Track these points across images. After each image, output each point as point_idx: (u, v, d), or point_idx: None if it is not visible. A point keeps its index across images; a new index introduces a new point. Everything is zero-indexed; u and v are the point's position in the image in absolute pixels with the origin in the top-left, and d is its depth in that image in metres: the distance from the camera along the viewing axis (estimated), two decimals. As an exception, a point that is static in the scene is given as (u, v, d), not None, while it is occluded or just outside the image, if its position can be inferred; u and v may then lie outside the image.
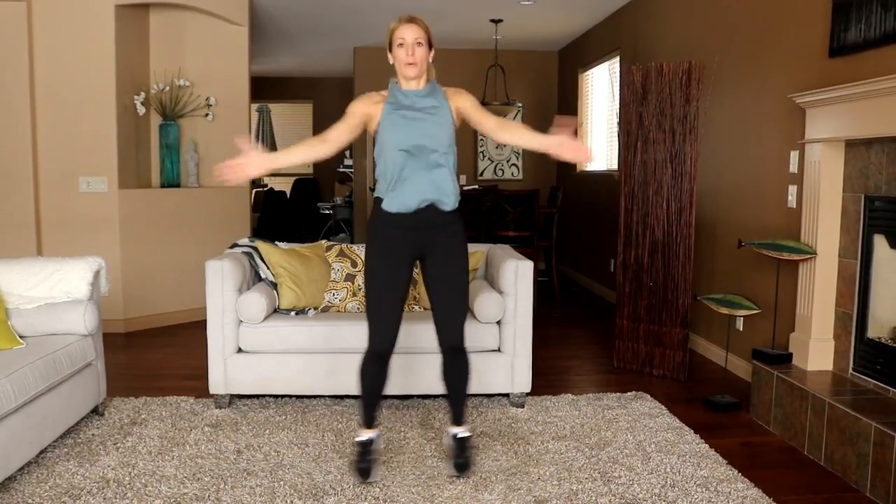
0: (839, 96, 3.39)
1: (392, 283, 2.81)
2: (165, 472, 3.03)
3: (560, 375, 4.53)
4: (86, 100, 5.34)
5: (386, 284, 2.81)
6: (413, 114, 2.74)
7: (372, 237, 2.84)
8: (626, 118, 4.60)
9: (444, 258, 2.84)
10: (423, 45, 2.71)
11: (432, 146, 2.72)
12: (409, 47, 2.69)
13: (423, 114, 2.74)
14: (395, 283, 2.82)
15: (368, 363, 2.90)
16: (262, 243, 4.14)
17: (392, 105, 2.76)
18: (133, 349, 5.11)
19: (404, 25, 2.70)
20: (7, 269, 3.50)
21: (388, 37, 2.75)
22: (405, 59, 2.69)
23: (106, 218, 5.43)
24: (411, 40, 2.69)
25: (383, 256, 2.80)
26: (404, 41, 2.69)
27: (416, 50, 2.69)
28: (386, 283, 2.81)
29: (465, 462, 2.97)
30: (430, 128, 2.73)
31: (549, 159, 9.86)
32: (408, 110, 2.74)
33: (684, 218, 4.39)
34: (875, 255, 3.42)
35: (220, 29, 6.04)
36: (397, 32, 2.71)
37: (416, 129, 2.72)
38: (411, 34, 2.69)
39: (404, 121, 2.73)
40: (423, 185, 2.73)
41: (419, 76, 2.76)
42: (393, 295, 2.82)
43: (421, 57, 2.70)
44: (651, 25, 6.03)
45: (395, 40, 2.72)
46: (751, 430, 3.64)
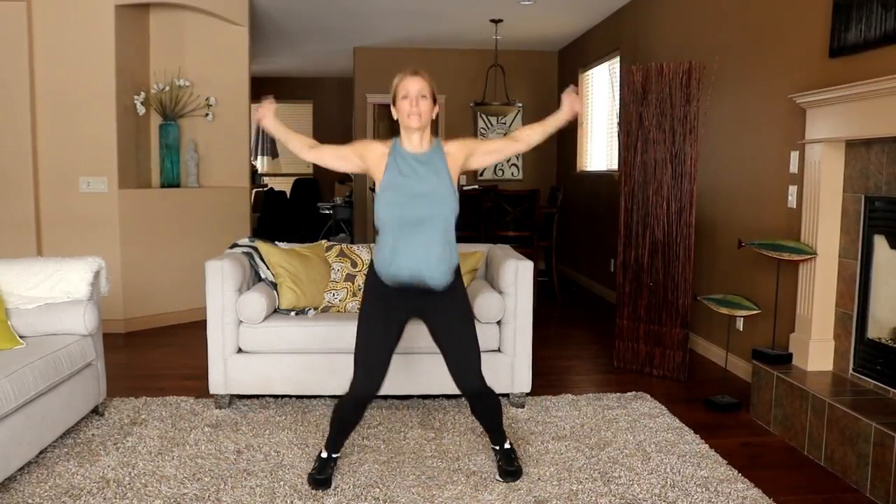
0: (839, 96, 3.39)
1: (383, 338, 2.80)
2: (165, 472, 3.03)
3: (560, 375, 4.53)
4: (86, 100, 5.34)
5: (377, 337, 2.80)
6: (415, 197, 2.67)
7: (367, 291, 2.83)
8: (626, 118, 4.60)
9: (445, 315, 2.82)
10: (428, 98, 2.69)
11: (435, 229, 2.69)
12: (414, 99, 2.66)
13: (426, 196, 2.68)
14: (385, 339, 2.80)
15: (348, 402, 2.86)
16: (262, 243, 4.14)
17: (394, 171, 2.71)
18: (133, 349, 5.11)
19: (409, 78, 2.69)
20: (7, 269, 3.50)
21: (393, 91, 2.72)
22: (409, 111, 2.67)
23: (106, 218, 5.43)
24: (415, 93, 2.67)
25: (376, 314, 2.80)
26: (409, 93, 2.67)
27: (421, 102, 2.67)
28: (377, 336, 2.80)
29: (515, 469, 2.99)
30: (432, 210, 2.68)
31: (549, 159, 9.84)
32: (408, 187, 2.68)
33: (684, 218, 4.39)
34: (875, 256, 3.42)
35: (220, 29, 6.04)
36: (402, 85, 2.69)
37: (419, 211, 2.67)
38: (416, 86, 2.67)
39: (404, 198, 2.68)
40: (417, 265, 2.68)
41: (423, 129, 2.71)
42: (383, 348, 2.80)
43: (425, 109, 2.68)
44: (651, 25, 6.03)
45: (399, 93, 2.70)
46: (751, 431, 3.64)
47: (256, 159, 11.93)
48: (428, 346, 3.75)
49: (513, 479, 2.97)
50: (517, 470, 3.00)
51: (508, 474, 2.98)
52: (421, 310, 2.82)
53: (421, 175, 2.70)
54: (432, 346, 3.76)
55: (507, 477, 2.98)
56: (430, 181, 2.70)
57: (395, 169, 2.71)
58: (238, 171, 6.25)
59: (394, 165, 2.72)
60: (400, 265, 2.69)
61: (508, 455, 3.02)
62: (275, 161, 12.25)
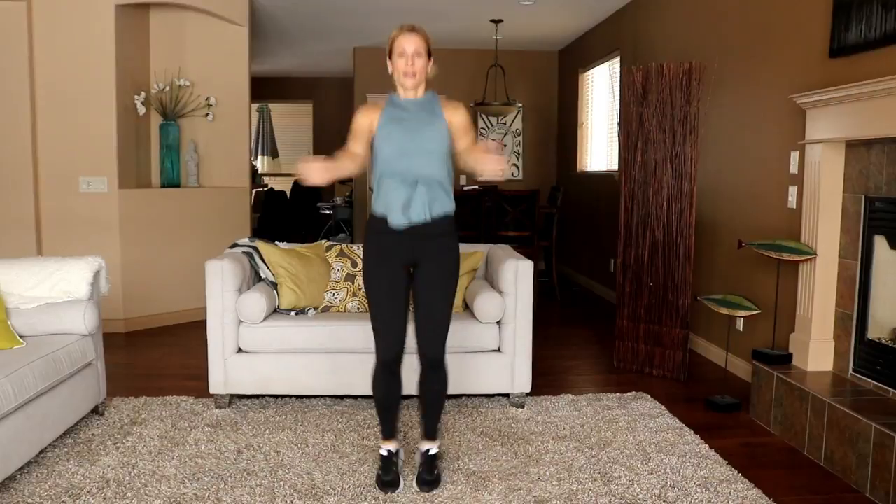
0: (840, 97, 3.39)
1: (390, 290, 2.79)
2: (165, 472, 3.03)
3: (560, 375, 4.53)
4: (86, 100, 5.34)
5: (385, 292, 2.79)
6: (409, 124, 2.73)
7: (367, 244, 2.85)
8: (626, 118, 4.60)
9: (435, 271, 2.80)
10: (423, 55, 2.71)
11: (426, 159, 2.71)
12: (410, 58, 2.69)
13: (419, 124, 2.73)
14: (393, 290, 2.79)
15: (380, 372, 2.87)
16: (262, 243, 4.14)
17: (388, 115, 2.75)
18: (133, 349, 5.10)
19: (406, 35, 2.71)
20: (7, 269, 3.50)
21: (389, 45, 2.74)
22: (404, 70, 2.70)
23: (106, 218, 5.43)
24: (412, 51, 2.69)
25: (378, 265, 2.79)
26: (405, 52, 2.69)
27: (416, 61, 2.69)
28: (385, 291, 2.79)
29: (434, 479, 2.90)
30: (424, 140, 2.71)
31: (549, 159, 9.84)
32: (404, 121, 2.73)
33: (684, 218, 4.39)
34: (875, 256, 3.42)
35: (220, 29, 6.04)
36: (398, 42, 2.71)
37: (411, 142, 2.71)
38: (412, 45, 2.69)
39: (399, 132, 2.72)
40: (415, 199, 2.70)
41: (417, 86, 2.76)
42: (394, 302, 2.80)
43: (420, 67, 2.71)
44: (651, 26, 6.03)
45: (395, 49, 2.72)
46: (751, 431, 3.64)
47: (256, 159, 11.93)
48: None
49: (429, 490, 2.86)
50: (435, 480, 2.90)
51: (426, 483, 2.88)
52: (414, 254, 2.77)
53: (415, 113, 2.75)
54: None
55: (424, 486, 2.87)
56: (425, 118, 2.74)
57: (390, 114, 2.75)
58: (238, 171, 6.25)
59: (389, 112, 2.76)
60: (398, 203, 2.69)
61: (432, 461, 2.93)
62: (275, 161, 12.25)
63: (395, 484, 2.88)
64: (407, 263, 2.80)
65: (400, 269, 2.79)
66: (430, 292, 2.81)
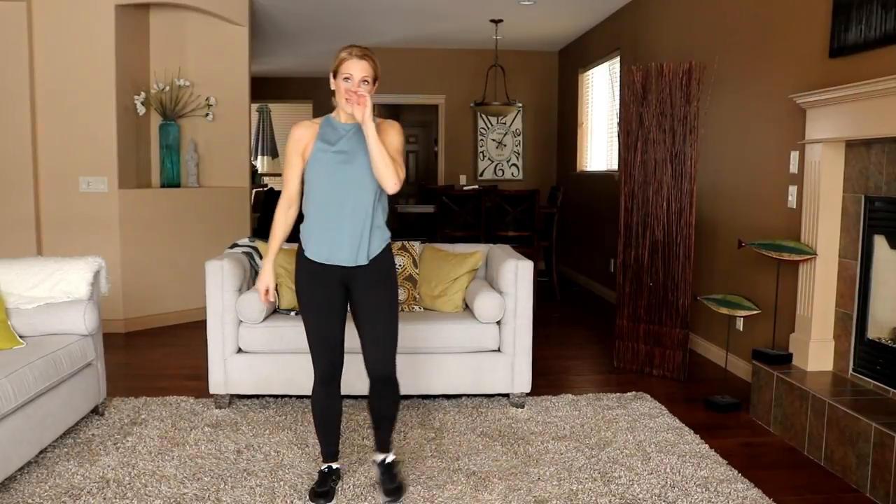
0: (839, 97, 3.39)
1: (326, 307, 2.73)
2: (165, 472, 3.03)
3: (560, 375, 4.53)
4: (86, 100, 5.34)
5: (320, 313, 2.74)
6: (342, 156, 2.65)
7: (300, 279, 2.76)
8: (626, 118, 4.60)
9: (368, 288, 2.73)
10: (369, 83, 2.62)
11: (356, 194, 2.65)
12: (355, 83, 2.59)
13: (350, 158, 2.64)
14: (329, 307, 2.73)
15: (317, 390, 2.82)
16: (262, 243, 4.14)
17: (321, 141, 2.67)
18: (133, 349, 5.10)
19: (355, 61, 2.59)
20: (7, 269, 3.50)
21: (336, 65, 2.63)
22: (346, 95, 2.58)
23: (106, 218, 5.43)
24: (358, 77, 2.59)
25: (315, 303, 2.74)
26: (351, 76, 2.59)
27: (361, 87, 2.59)
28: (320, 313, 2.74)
29: (398, 486, 2.82)
30: (356, 174, 2.64)
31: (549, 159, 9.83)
32: (336, 153, 2.65)
33: (684, 218, 4.39)
34: (875, 256, 3.42)
35: (220, 29, 6.04)
36: (345, 66, 2.60)
37: (343, 174, 2.64)
38: (360, 72, 2.59)
39: (332, 163, 2.65)
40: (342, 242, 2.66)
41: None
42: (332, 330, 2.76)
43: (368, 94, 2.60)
44: (651, 25, 6.03)
45: (341, 72, 2.61)
46: (751, 431, 3.64)
47: (256, 159, 11.93)
48: (428, 347, 3.77)
49: (397, 498, 2.79)
50: (399, 486, 2.81)
51: (391, 493, 2.79)
52: (346, 279, 2.72)
53: (349, 140, 2.66)
54: (432, 347, 3.79)
55: (390, 496, 2.79)
56: (361, 144, 2.63)
57: (322, 138, 2.68)
58: (238, 171, 6.25)
59: (322, 136, 2.68)
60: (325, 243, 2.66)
61: (390, 469, 2.84)
62: (275, 161, 12.26)
63: (328, 496, 2.79)
64: (343, 285, 2.74)
65: (333, 291, 2.73)
66: (371, 312, 2.74)
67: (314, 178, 2.66)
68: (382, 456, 2.87)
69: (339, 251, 2.67)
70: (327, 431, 2.87)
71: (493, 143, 9.00)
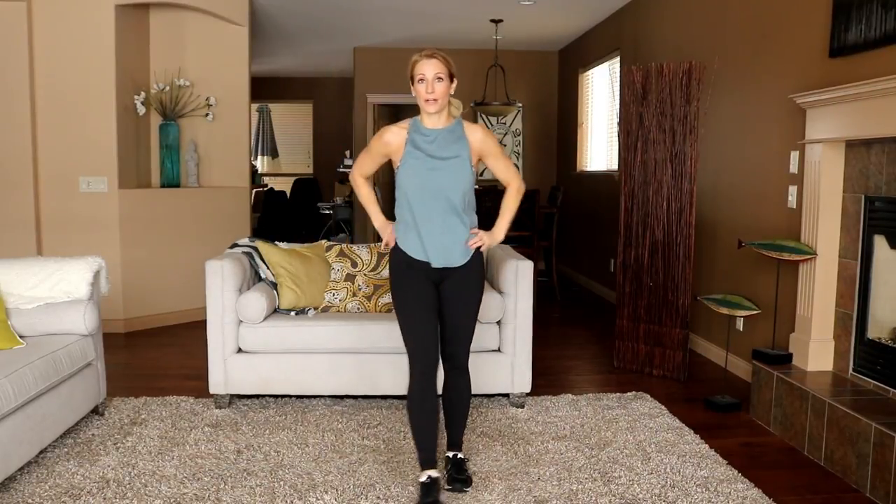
0: (839, 97, 3.39)
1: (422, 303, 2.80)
2: (165, 472, 3.03)
3: (560, 375, 4.53)
4: (86, 100, 5.34)
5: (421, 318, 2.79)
6: (432, 162, 2.74)
7: (393, 269, 2.86)
8: (626, 118, 4.60)
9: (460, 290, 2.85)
10: (444, 79, 2.70)
11: (448, 198, 2.74)
12: (430, 83, 2.68)
13: (441, 162, 2.74)
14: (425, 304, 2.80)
15: (415, 388, 2.82)
16: (262, 243, 4.14)
17: (412, 146, 2.76)
18: (133, 349, 5.11)
19: (425, 61, 2.69)
20: (7, 269, 3.50)
21: (410, 71, 2.74)
22: (425, 95, 2.69)
23: (106, 218, 5.43)
24: (431, 76, 2.68)
25: (407, 285, 2.82)
26: (425, 77, 2.69)
27: (436, 85, 2.68)
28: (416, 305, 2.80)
29: (466, 478, 2.92)
30: (446, 179, 2.74)
31: (549, 159, 9.80)
32: (427, 157, 2.74)
33: (684, 218, 4.39)
34: (875, 256, 3.42)
35: (220, 29, 6.04)
36: (417, 68, 2.71)
37: (433, 180, 2.73)
38: (432, 70, 2.68)
39: (422, 169, 2.74)
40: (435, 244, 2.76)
41: (440, 111, 2.75)
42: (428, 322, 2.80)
43: (441, 92, 2.69)
44: (651, 25, 6.03)
45: (415, 75, 2.71)
46: (751, 431, 3.64)
47: (256, 159, 11.93)
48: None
49: (462, 487, 2.87)
50: (467, 479, 2.91)
51: (458, 481, 2.89)
52: (442, 277, 2.83)
53: (440, 144, 2.75)
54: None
55: (456, 484, 2.88)
56: (450, 148, 2.75)
57: (413, 143, 2.76)
58: (238, 171, 6.25)
59: (412, 141, 2.77)
60: (419, 243, 2.76)
61: (460, 465, 2.96)
62: (275, 161, 12.26)
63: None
64: (436, 280, 2.83)
65: (427, 284, 2.82)
66: (457, 307, 2.85)
67: (406, 182, 2.75)
68: (454, 452, 2.99)
69: (433, 253, 2.77)
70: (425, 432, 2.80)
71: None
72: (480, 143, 2.80)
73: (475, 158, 2.81)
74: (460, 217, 2.78)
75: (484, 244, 2.85)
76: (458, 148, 2.76)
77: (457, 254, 2.79)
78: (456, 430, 3.00)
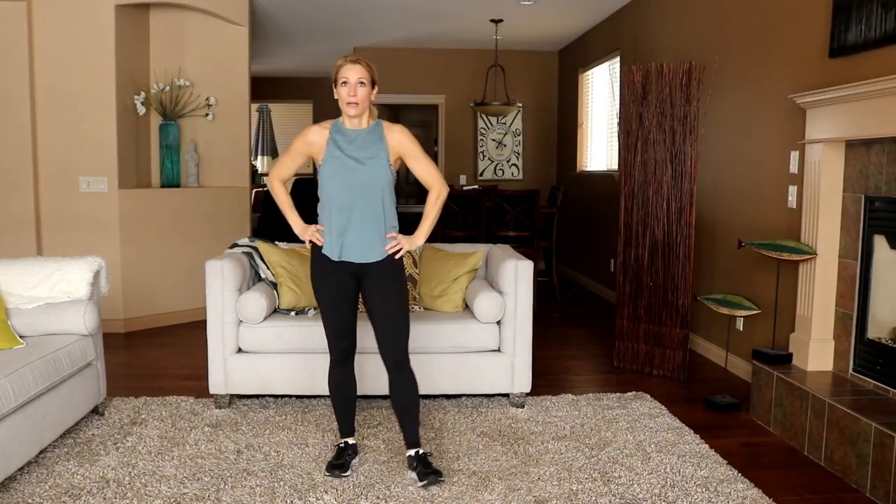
0: (839, 97, 3.39)
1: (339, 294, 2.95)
2: (165, 472, 3.03)
3: (560, 375, 4.53)
4: (86, 100, 5.34)
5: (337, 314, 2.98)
6: (351, 162, 2.85)
7: (315, 271, 2.98)
8: (626, 118, 4.60)
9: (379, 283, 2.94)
10: (366, 84, 2.82)
11: (369, 198, 2.86)
12: (352, 87, 2.79)
13: (359, 163, 2.85)
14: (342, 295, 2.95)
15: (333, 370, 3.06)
16: (262, 243, 4.14)
17: (333, 146, 2.87)
18: (133, 349, 5.11)
19: (349, 65, 2.81)
20: (7, 269, 3.50)
21: (334, 74, 2.85)
22: (347, 98, 2.80)
23: (106, 218, 5.43)
24: (354, 80, 2.80)
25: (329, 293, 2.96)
26: (348, 80, 2.80)
27: (358, 90, 2.80)
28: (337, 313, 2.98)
29: (434, 470, 2.94)
30: (364, 178, 2.85)
31: (549, 159, 9.81)
32: (346, 157, 2.85)
33: (684, 218, 4.39)
34: (875, 256, 3.42)
35: (220, 29, 6.04)
36: (341, 72, 2.82)
37: (352, 178, 2.84)
38: (355, 74, 2.79)
39: (342, 168, 2.85)
40: (361, 240, 2.87)
41: (360, 114, 2.87)
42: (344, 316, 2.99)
43: (363, 96, 2.81)
44: (651, 25, 6.03)
45: (339, 78, 2.83)
46: (751, 431, 3.64)
47: (256, 159, 11.93)
48: (428, 347, 3.77)
49: (435, 479, 2.91)
50: (437, 471, 2.94)
51: (429, 475, 2.91)
52: (362, 273, 2.94)
53: (359, 145, 2.87)
54: (432, 347, 3.79)
55: (430, 477, 2.91)
56: (369, 149, 2.86)
57: (334, 143, 2.88)
58: (238, 171, 6.25)
59: (333, 141, 2.88)
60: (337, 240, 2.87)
61: (425, 459, 2.98)
62: (275, 161, 12.25)
63: (343, 467, 3.00)
64: (355, 277, 2.95)
65: (347, 282, 2.95)
66: (379, 302, 2.96)
67: (327, 181, 2.87)
68: (413, 450, 3.01)
69: (351, 249, 2.88)
70: (344, 406, 3.09)
71: (493, 143, 9.00)
72: (399, 145, 2.90)
73: (394, 158, 2.91)
74: (379, 215, 2.88)
75: (402, 249, 2.93)
76: (376, 149, 2.87)
77: (374, 251, 2.89)
78: (410, 429, 3.02)
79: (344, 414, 3.10)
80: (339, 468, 3.00)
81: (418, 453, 2.99)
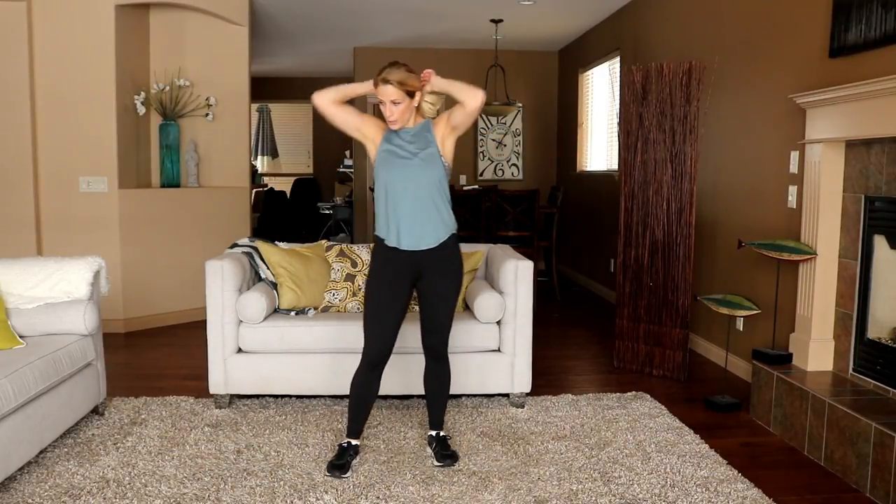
0: (839, 97, 3.39)
1: (391, 305, 3.00)
2: (165, 472, 3.03)
3: (560, 375, 4.53)
4: (86, 100, 5.34)
5: (386, 307, 3.01)
6: (403, 158, 2.95)
7: (374, 262, 3.06)
8: (626, 118, 4.60)
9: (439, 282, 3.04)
10: (400, 102, 2.90)
11: (422, 189, 2.94)
12: (388, 108, 2.91)
13: (412, 155, 2.95)
14: (394, 305, 3.01)
15: (362, 371, 3.07)
16: (262, 243, 4.14)
17: (386, 142, 2.99)
18: (133, 349, 5.11)
19: (381, 87, 2.89)
20: (7, 269, 3.50)
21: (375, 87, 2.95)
22: (387, 117, 2.95)
23: (106, 218, 5.43)
24: (388, 101, 2.90)
25: (384, 283, 3.01)
26: (384, 101, 2.91)
27: (394, 109, 2.91)
28: (386, 306, 3.01)
29: (452, 453, 3.16)
30: (418, 172, 2.93)
31: (549, 159, 9.82)
32: (399, 150, 2.96)
33: (684, 218, 4.39)
34: (875, 256, 3.42)
35: (220, 29, 6.04)
36: (377, 91, 2.91)
37: (406, 172, 2.93)
38: (387, 96, 2.89)
39: (396, 162, 2.95)
40: (414, 227, 2.95)
41: (405, 124, 2.98)
42: (391, 314, 3.02)
43: (400, 113, 2.92)
44: (651, 25, 6.03)
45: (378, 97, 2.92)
46: (751, 431, 3.64)
47: (256, 159, 11.93)
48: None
49: (451, 462, 3.11)
50: (454, 453, 3.16)
51: (445, 457, 3.11)
52: (419, 269, 3.01)
53: (411, 140, 2.98)
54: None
55: (444, 460, 3.11)
56: (419, 143, 2.97)
57: (388, 139, 3.00)
58: (238, 171, 6.25)
59: (388, 136, 3.01)
60: (398, 230, 2.95)
61: (444, 441, 3.18)
62: (275, 161, 12.25)
63: (344, 468, 3.02)
64: (412, 277, 3.03)
65: (404, 286, 3.03)
66: (435, 300, 3.05)
67: (382, 173, 2.97)
68: (436, 430, 3.20)
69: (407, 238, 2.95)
70: (361, 409, 3.10)
71: (493, 143, 9.01)
72: (441, 122, 3.00)
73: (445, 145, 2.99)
74: (431, 206, 2.95)
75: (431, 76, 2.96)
76: (425, 142, 2.98)
77: (429, 238, 2.97)
78: (438, 412, 3.22)
79: (357, 415, 3.11)
80: (340, 469, 3.01)
81: (439, 434, 3.18)
